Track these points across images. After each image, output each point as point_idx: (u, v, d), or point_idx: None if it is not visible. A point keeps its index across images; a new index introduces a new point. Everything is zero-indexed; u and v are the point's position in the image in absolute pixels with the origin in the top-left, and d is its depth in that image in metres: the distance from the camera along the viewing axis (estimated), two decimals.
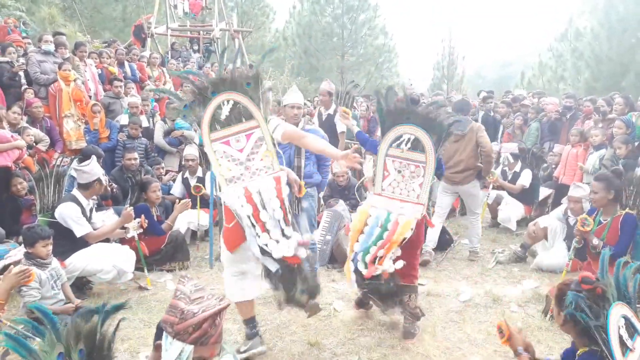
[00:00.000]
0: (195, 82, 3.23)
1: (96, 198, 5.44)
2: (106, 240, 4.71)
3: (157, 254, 5.14)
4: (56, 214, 4.34)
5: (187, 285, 1.89)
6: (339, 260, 5.17)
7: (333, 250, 5.36)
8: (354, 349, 3.56)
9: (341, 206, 5.89)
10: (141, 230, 4.80)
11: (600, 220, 4.14)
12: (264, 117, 3.24)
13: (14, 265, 3.48)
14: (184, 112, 3.23)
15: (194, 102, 3.20)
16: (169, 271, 5.14)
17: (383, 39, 22.93)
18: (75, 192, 4.51)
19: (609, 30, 17.29)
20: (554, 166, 7.41)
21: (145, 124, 7.70)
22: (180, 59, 13.89)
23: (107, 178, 5.76)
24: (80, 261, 4.30)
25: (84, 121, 7.10)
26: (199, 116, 3.19)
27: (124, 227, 4.65)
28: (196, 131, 6.76)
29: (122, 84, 8.02)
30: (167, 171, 7.02)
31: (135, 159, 6.09)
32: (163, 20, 15.92)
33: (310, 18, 22.20)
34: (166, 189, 6.47)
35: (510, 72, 38.42)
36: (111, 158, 7.04)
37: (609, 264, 2.19)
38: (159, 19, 15.88)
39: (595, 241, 4.01)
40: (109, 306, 1.70)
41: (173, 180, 6.76)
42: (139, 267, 4.78)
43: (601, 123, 7.04)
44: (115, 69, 8.90)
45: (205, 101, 3.17)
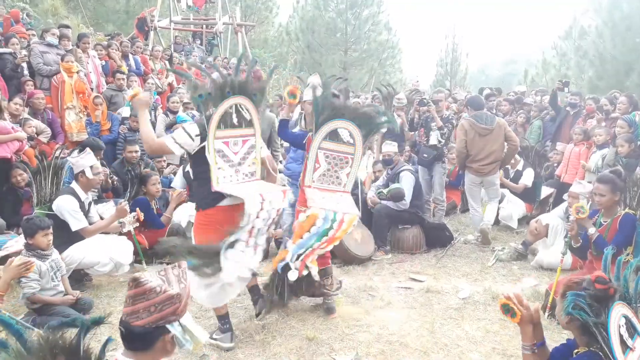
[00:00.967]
0: (212, 75, 3.36)
1: (96, 191, 5.45)
2: (104, 232, 4.71)
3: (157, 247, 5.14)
4: (54, 207, 4.35)
5: (154, 279, 1.86)
6: (338, 255, 5.18)
7: None
8: (352, 344, 3.57)
9: None
10: (137, 225, 4.80)
11: (601, 222, 4.12)
12: (260, 128, 3.51)
13: (14, 256, 3.48)
14: (198, 101, 3.27)
15: (209, 95, 3.26)
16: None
17: (387, 34, 22.77)
18: (74, 184, 4.51)
19: (613, 29, 17.18)
20: (556, 165, 7.38)
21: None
22: (183, 52, 13.88)
23: (107, 170, 5.77)
24: (78, 254, 4.31)
25: (85, 113, 7.10)
26: (211, 110, 3.26)
27: (120, 222, 4.66)
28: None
29: (124, 76, 8.00)
30: (168, 164, 7.01)
31: (136, 151, 6.09)
32: (166, 13, 15.88)
33: (313, 13, 22.10)
34: (167, 182, 6.47)
35: (514, 69, 38.32)
36: (112, 151, 7.04)
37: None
38: (162, 11, 15.83)
39: (592, 230, 3.98)
40: (88, 319, 1.61)
41: (174, 174, 6.75)
42: (138, 261, 4.78)
43: (604, 122, 7.00)
44: (124, 63, 8.87)
45: (222, 97, 3.26)
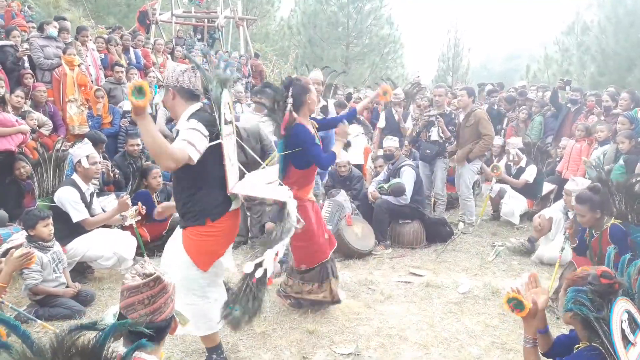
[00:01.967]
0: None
1: (98, 183, 5.46)
2: (107, 225, 4.73)
3: (159, 240, 5.13)
4: (55, 198, 4.36)
5: (135, 278, 1.80)
6: (341, 250, 5.19)
7: None
8: (352, 337, 3.59)
9: (342, 196, 5.88)
10: (139, 218, 4.81)
11: (593, 234, 4.02)
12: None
13: (15, 248, 3.49)
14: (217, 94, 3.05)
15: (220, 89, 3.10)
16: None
17: (388, 29, 22.72)
18: (75, 176, 4.53)
19: (616, 25, 17.13)
20: (558, 160, 7.37)
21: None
22: (184, 46, 13.85)
23: (109, 164, 5.78)
24: (81, 247, 4.34)
25: (87, 106, 7.10)
26: (217, 100, 3.07)
27: (122, 215, 4.67)
28: None
29: (123, 69, 7.98)
30: None
31: (137, 145, 6.09)
32: (168, 6, 15.83)
33: (315, 7, 22.06)
34: (168, 175, 6.47)
35: (516, 65, 38.23)
36: (114, 144, 7.04)
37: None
38: (163, 5, 15.78)
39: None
40: (109, 325, 1.50)
41: None
42: (139, 254, 4.80)
43: (604, 117, 6.98)
44: (123, 58, 8.86)
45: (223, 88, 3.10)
